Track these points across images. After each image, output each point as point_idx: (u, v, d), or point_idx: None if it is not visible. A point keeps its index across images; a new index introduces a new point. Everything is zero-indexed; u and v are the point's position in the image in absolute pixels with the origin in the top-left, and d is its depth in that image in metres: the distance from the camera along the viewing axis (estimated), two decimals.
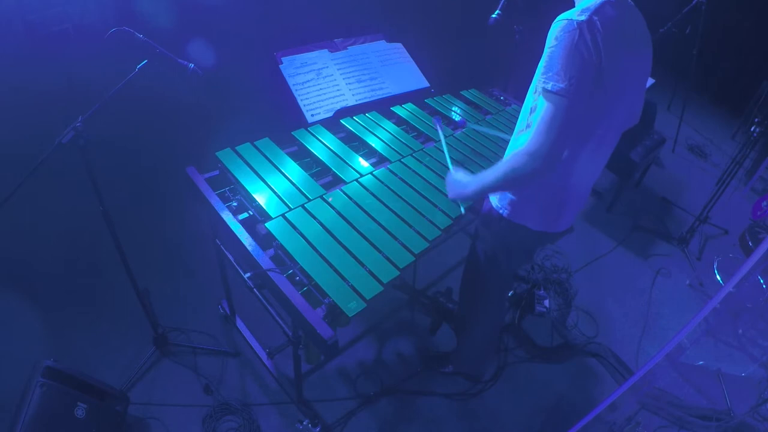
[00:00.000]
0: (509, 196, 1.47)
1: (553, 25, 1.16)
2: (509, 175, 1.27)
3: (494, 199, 1.54)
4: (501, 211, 1.50)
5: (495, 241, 1.63)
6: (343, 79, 2.29)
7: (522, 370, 2.26)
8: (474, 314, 1.93)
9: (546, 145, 1.17)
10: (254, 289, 1.49)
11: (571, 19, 1.12)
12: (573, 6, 1.23)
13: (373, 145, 1.98)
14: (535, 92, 1.31)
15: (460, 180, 1.51)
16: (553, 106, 1.15)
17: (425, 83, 2.56)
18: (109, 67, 1.80)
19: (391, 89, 2.40)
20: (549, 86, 1.14)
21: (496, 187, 1.36)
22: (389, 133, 2.07)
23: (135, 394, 1.87)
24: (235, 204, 1.59)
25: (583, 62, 1.11)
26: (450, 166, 1.69)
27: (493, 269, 1.70)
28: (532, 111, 1.33)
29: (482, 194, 1.45)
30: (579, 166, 1.35)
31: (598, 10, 1.13)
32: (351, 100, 2.24)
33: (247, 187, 1.61)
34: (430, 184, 1.80)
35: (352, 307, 1.30)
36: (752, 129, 2.86)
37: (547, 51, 1.17)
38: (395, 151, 1.96)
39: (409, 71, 2.55)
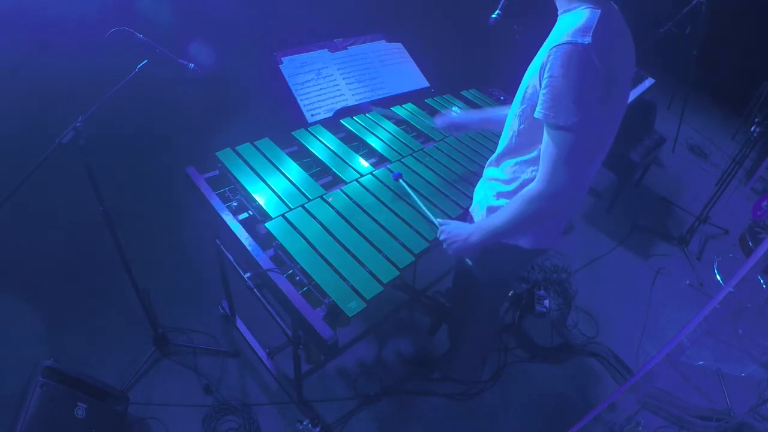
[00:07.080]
0: None
1: (554, 51, 1.04)
2: (527, 218, 1.20)
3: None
4: None
5: (486, 264, 1.49)
6: (343, 79, 2.29)
7: (522, 370, 2.26)
8: (467, 325, 1.90)
9: (566, 183, 1.10)
10: (254, 289, 1.50)
11: (576, 43, 1.01)
12: (557, 14, 1.16)
13: (373, 145, 1.98)
14: (519, 116, 1.23)
15: (458, 231, 1.37)
16: (567, 141, 1.07)
17: (425, 83, 2.55)
18: (109, 67, 1.80)
19: (391, 89, 2.40)
20: (560, 122, 1.05)
21: (509, 230, 1.27)
22: (389, 133, 2.07)
23: (135, 394, 1.87)
24: (235, 204, 1.59)
25: (593, 89, 1.03)
26: (434, 219, 1.50)
27: (486, 289, 1.64)
28: (521, 122, 1.24)
29: (491, 240, 1.32)
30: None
31: (599, 29, 1.03)
32: (351, 100, 2.24)
33: (247, 187, 1.61)
34: (430, 184, 1.80)
35: (352, 307, 1.30)
36: (752, 129, 2.86)
37: (550, 80, 1.05)
38: (395, 151, 1.96)
39: (409, 71, 2.54)
